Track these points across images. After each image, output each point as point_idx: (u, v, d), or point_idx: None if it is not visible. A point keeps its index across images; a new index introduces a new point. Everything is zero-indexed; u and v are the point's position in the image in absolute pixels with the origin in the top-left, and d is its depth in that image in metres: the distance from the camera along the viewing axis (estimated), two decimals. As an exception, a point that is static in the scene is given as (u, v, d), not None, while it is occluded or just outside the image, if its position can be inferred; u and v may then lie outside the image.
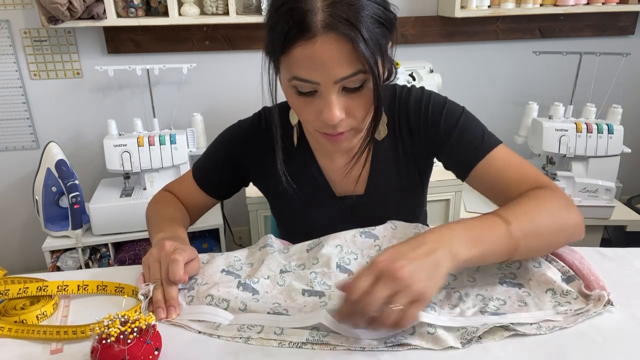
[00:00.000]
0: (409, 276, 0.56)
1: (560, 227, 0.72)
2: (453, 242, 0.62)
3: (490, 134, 0.88)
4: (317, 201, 0.94)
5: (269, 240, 0.84)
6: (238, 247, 1.04)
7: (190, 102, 2.12)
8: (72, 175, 1.76)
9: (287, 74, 0.71)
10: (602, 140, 1.87)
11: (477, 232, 0.64)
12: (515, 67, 2.32)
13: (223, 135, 0.98)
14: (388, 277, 0.56)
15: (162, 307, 0.68)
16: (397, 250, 0.59)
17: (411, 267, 0.57)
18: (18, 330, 0.64)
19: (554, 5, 2.04)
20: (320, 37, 0.65)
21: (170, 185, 1.03)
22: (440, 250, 0.60)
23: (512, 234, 0.66)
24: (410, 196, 0.96)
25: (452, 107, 0.89)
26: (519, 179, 0.81)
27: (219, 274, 0.76)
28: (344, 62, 0.67)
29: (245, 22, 1.89)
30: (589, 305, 0.66)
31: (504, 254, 0.66)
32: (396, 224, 0.84)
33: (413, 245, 0.60)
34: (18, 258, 2.27)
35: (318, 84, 0.69)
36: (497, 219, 0.67)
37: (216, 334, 0.64)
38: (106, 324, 0.56)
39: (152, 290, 0.69)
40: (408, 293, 0.56)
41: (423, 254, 0.59)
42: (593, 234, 2.05)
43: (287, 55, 0.69)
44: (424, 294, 0.57)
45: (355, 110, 0.73)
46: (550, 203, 0.72)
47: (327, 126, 0.74)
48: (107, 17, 1.77)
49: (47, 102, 2.04)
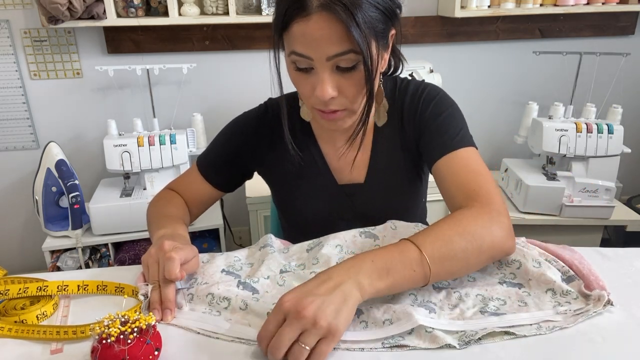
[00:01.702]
0: (315, 314, 0.55)
1: (478, 248, 0.69)
2: (359, 275, 0.61)
3: (467, 135, 0.88)
4: (319, 189, 0.96)
5: (269, 240, 0.84)
6: (238, 247, 1.04)
7: (190, 102, 2.12)
8: (72, 175, 1.76)
9: (288, 49, 0.76)
10: (602, 140, 1.87)
11: (386, 262, 0.64)
12: (515, 67, 2.32)
13: (229, 126, 1.00)
14: (294, 316, 0.56)
15: (158, 308, 0.68)
16: (303, 289, 0.59)
17: (317, 304, 0.56)
18: (18, 330, 0.64)
19: (554, 5, 2.03)
20: (314, 15, 0.70)
21: (172, 183, 1.04)
22: (346, 284, 0.60)
23: (424, 260, 0.65)
24: (408, 186, 0.97)
25: (443, 100, 0.91)
26: (464, 187, 0.80)
27: (219, 273, 0.76)
28: (335, 40, 0.71)
29: (245, 22, 1.89)
30: (589, 306, 0.66)
31: (418, 281, 0.66)
32: (396, 224, 0.83)
33: (319, 281, 0.60)
34: (18, 258, 2.27)
35: (312, 60, 0.74)
36: (410, 245, 0.66)
37: (215, 336, 0.64)
38: (106, 324, 0.56)
39: (150, 291, 0.69)
40: (316, 331, 0.56)
41: (329, 289, 0.59)
42: (593, 234, 2.05)
43: (287, 31, 0.74)
44: (332, 329, 0.56)
45: (347, 89, 0.77)
46: (468, 224, 0.70)
47: (321, 102, 0.78)
48: (107, 17, 1.77)
49: (47, 102, 2.04)
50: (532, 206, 1.91)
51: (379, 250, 0.66)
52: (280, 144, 0.95)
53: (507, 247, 0.73)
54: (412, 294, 0.68)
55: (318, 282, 0.60)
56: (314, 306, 0.56)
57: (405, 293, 0.69)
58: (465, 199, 0.78)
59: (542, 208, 1.93)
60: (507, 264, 0.75)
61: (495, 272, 0.75)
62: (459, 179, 0.81)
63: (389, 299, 0.68)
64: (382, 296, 0.65)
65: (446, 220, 0.71)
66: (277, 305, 0.58)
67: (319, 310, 0.56)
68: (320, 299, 0.57)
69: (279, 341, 0.56)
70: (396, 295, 0.68)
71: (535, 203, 1.91)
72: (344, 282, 0.60)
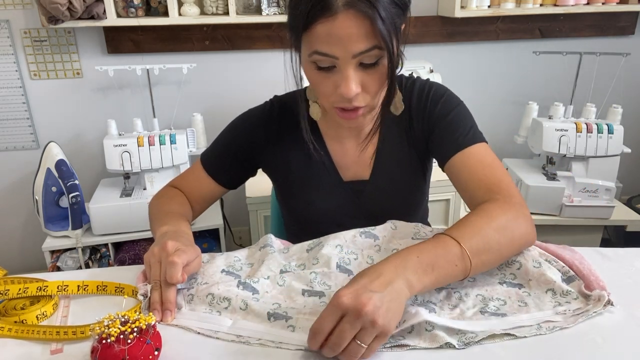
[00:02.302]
0: (373, 312, 0.56)
1: (510, 240, 0.72)
2: (407, 272, 0.62)
3: (478, 131, 0.90)
4: (325, 185, 0.96)
5: (268, 240, 0.84)
6: (238, 247, 1.04)
7: (190, 102, 2.12)
8: (72, 175, 1.76)
9: (308, 49, 0.76)
10: (602, 140, 1.87)
11: (430, 258, 0.64)
12: (515, 67, 2.32)
13: (234, 123, 1.00)
14: (354, 314, 0.56)
15: (158, 309, 0.68)
16: (357, 285, 0.59)
17: (374, 302, 0.56)
18: (18, 331, 0.64)
19: (554, 5, 2.03)
20: (340, 14, 0.70)
21: (174, 180, 1.03)
22: (397, 281, 0.60)
23: (465, 254, 0.66)
24: (413, 183, 0.98)
25: (450, 98, 0.93)
26: (483, 183, 0.82)
27: (219, 274, 0.76)
28: (361, 38, 0.71)
29: (245, 22, 1.89)
30: (589, 306, 0.66)
31: (459, 275, 0.67)
32: (396, 224, 0.84)
33: (370, 277, 0.60)
34: (18, 258, 2.27)
35: (337, 59, 0.74)
36: (450, 241, 0.67)
37: (215, 336, 0.64)
38: (106, 324, 0.56)
39: (149, 291, 0.69)
40: (373, 330, 0.56)
41: (382, 284, 0.59)
42: (593, 234, 2.05)
43: (308, 32, 0.73)
44: (386, 329, 0.57)
45: (370, 85, 0.77)
46: (498, 217, 0.72)
47: (343, 100, 0.78)
48: (107, 17, 1.77)
49: (47, 102, 2.04)
50: (532, 206, 1.91)
51: (421, 246, 0.66)
52: (286, 141, 0.96)
53: (532, 238, 0.76)
54: None
55: (370, 278, 0.60)
56: (372, 304, 0.56)
57: None
58: (487, 193, 0.80)
59: (542, 208, 1.93)
60: (507, 264, 0.75)
61: (496, 273, 0.75)
62: (477, 175, 0.83)
63: None
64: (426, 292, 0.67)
65: (477, 215, 0.73)
66: (334, 301, 0.57)
67: (376, 309, 0.56)
68: (376, 296, 0.57)
69: (341, 338, 0.56)
70: None
71: (535, 203, 1.91)
72: (394, 280, 0.60)
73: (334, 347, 0.57)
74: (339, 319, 0.57)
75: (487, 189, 0.80)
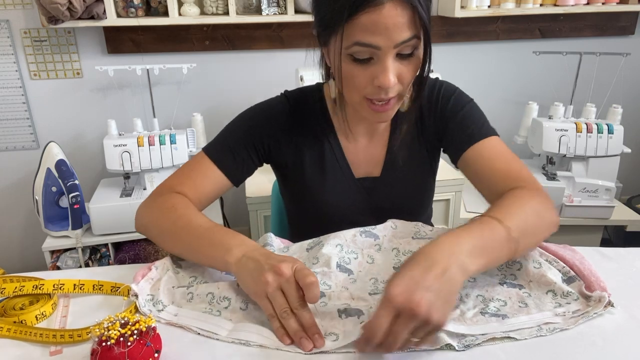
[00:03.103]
0: (427, 311, 0.55)
1: (546, 225, 0.75)
2: (462, 256, 0.61)
3: (490, 126, 0.92)
4: (336, 181, 0.96)
5: (268, 239, 0.84)
6: (238, 248, 1.03)
7: (190, 102, 2.12)
8: (72, 175, 1.76)
9: (348, 41, 0.74)
10: (602, 140, 1.87)
11: (480, 241, 0.64)
12: (515, 67, 2.32)
13: (246, 115, 0.96)
14: (408, 315, 0.55)
15: (305, 336, 0.62)
16: (410, 280, 0.57)
17: (428, 300, 0.55)
18: (17, 331, 0.64)
19: (554, 5, 2.03)
20: (387, 3, 0.70)
21: (171, 181, 0.91)
22: (452, 268, 0.59)
23: (511, 236, 0.66)
24: (422, 181, 0.99)
25: (461, 95, 0.95)
26: (503, 174, 0.84)
27: (219, 273, 0.76)
28: (405, 27, 0.72)
29: (245, 22, 1.89)
30: (589, 307, 0.66)
31: (506, 257, 0.67)
32: (396, 223, 0.84)
33: (424, 268, 0.58)
34: (18, 258, 2.27)
35: (379, 49, 0.73)
36: (495, 222, 0.67)
37: (215, 337, 0.64)
38: (106, 326, 0.56)
39: (270, 318, 0.64)
40: (427, 327, 0.57)
41: (437, 277, 0.58)
42: (593, 234, 2.05)
43: (351, 22, 0.72)
44: (441, 323, 0.57)
45: (405, 76, 0.77)
46: (534, 202, 0.75)
47: (378, 91, 0.77)
48: (107, 17, 1.77)
49: (47, 102, 2.04)
50: (532, 206, 1.91)
51: (469, 229, 0.66)
52: (300, 137, 0.95)
53: (557, 223, 0.78)
54: None
55: (424, 270, 0.58)
56: (426, 303, 0.55)
57: None
58: (510, 182, 0.81)
59: (542, 208, 1.92)
60: (507, 265, 0.75)
61: (496, 273, 0.75)
62: (497, 165, 0.85)
63: None
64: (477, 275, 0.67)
65: (511, 200, 0.74)
66: (387, 299, 0.56)
67: (431, 307, 0.55)
68: (430, 293, 0.56)
69: (396, 339, 0.56)
70: None
71: (536, 203, 1.91)
72: (450, 267, 0.59)
73: (388, 347, 0.57)
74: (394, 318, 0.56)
75: (510, 178, 0.82)
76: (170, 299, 0.70)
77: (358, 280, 0.74)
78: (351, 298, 0.69)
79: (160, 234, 0.82)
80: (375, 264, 0.78)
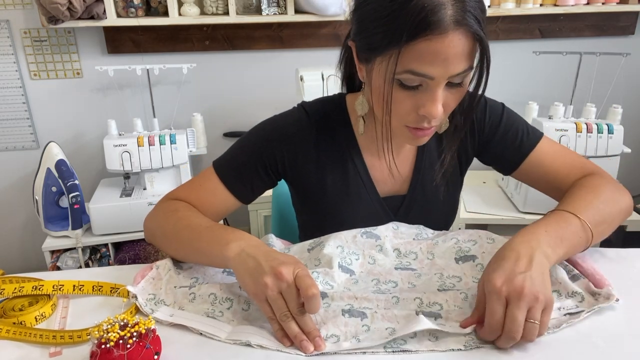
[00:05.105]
0: (532, 289, 0.59)
1: (620, 210, 0.77)
2: (542, 246, 0.65)
3: (532, 127, 0.92)
4: (361, 201, 0.91)
5: (269, 240, 0.84)
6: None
7: (190, 102, 2.12)
8: (72, 175, 1.76)
9: (400, 67, 0.67)
10: (602, 140, 1.87)
11: (557, 232, 0.68)
12: (515, 67, 2.32)
13: (260, 131, 0.89)
14: (516, 297, 0.58)
15: (306, 339, 0.61)
16: (504, 270, 0.61)
17: (529, 280, 0.59)
18: (16, 332, 0.64)
19: (554, 5, 2.03)
20: (451, 32, 0.64)
21: (180, 191, 0.89)
22: (537, 256, 0.63)
23: (585, 226, 0.70)
24: (450, 195, 0.95)
25: (493, 104, 0.93)
26: (567, 169, 0.86)
27: (221, 274, 0.76)
28: (463, 58, 0.67)
29: (245, 22, 1.89)
30: (596, 305, 0.66)
31: (582, 246, 0.71)
32: (398, 224, 0.83)
33: (512, 258, 0.63)
34: (18, 258, 2.27)
35: (432, 79, 0.67)
36: (568, 214, 0.71)
37: (216, 337, 0.64)
38: (105, 328, 0.56)
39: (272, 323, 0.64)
40: (539, 305, 0.59)
41: (527, 263, 0.62)
42: (593, 234, 2.04)
43: (407, 47, 0.65)
44: (549, 300, 0.60)
45: (450, 104, 0.73)
46: (604, 189, 0.77)
47: (422, 120, 0.72)
48: (107, 17, 1.77)
49: (47, 102, 2.04)
50: (532, 206, 1.91)
51: (544, 221, 0.70)
52: (322, 156, 0.89)
53: (632, 209, 0.81)
54: (417, 297, 0.67)
55: (514, 261, 0.62)
56: (529, 283, 0.59)
57: (412, 295, 0.68)
58: (581, 172, 0.85)
59: (542, 208, 1.92)
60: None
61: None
62: (563, 160, 0.88)
63: (394, 302, 0.67)
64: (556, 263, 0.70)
65: (583, 189, 0.77)
66: (491, 293, 0.60)
67: (533, 286, 0.59)
68: (527, 275, 0.60)
69: (516, 325, 0.58)
70: (401, 296, 0.68)
71: (536, 203, 1.91)
72: (534, 254, 0.63)
73: (512, 334, 0.58)
74: (505, 309, 0.59)
75: (580, 170, 0.85)
76: (172, 299, 0.70)
77: (360, 281, 0.74)
78: (354, 298, 0.69)
79: (163, 237, 0.81)
80: (377, 265, 0.77)
